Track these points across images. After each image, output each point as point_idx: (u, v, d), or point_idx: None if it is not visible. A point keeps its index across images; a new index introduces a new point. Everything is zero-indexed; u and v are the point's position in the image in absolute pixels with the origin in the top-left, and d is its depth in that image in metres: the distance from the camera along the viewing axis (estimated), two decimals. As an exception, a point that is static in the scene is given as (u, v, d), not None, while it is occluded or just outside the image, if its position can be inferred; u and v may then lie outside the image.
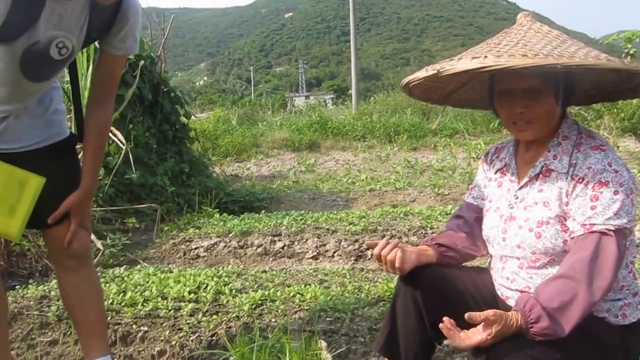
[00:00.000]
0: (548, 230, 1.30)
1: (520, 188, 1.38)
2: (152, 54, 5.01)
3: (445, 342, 1.20)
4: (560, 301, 1.15)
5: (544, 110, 1.30)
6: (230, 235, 3.69)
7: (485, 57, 1.17)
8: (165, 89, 5.12)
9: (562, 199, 1.29)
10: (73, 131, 1.75)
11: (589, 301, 1.16)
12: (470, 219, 1.55)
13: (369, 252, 3.45)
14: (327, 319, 2.20)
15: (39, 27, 1.39)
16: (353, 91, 18.24)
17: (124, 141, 4.00)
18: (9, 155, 1.54)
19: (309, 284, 2.56)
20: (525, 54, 1.15)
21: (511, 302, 1.37)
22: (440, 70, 1.21)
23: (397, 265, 1.39)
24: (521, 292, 1.34)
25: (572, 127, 1.34)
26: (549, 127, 1.33)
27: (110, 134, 4.02)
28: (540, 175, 1.34)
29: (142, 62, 4.52)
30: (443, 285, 1.42)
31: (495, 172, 1.49)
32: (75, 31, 1.47)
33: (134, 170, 4.18)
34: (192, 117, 5.90)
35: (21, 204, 1.52)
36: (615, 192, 1.21)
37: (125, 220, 4.00)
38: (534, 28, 1.31)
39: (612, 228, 1.20)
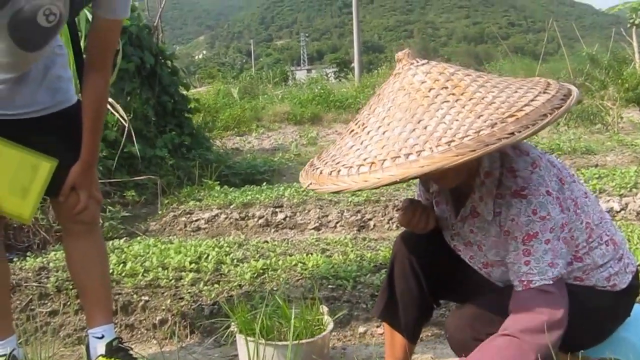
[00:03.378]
0: (495, 271, 1.30)
1: (456, 222, 1.33)
2: (148, 23, 4.90)
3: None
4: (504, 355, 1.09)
5: (459, 171, 1.18)
6: (232, 207, 3.66)
7: (339, 171, 1.05)
8: (163, 60, 5.03)
9: (496, 247, 1.25)
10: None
11: (541, 352, 1.09)
12: None
13: (371, 223, 3.42)
14: (329, 286, 2.19)
15: None
16: (355, 64, 18.01)
17: (125, 116, 3.92)
18: (17, 122, 1.55)
19: (311, 253, 2.54)
20: (372, 162, 1.00)
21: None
22: (305, 186, 1.12)
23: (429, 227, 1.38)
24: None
25: (493, 159, 1.22)
26: (469, 172, 1.23)
27: (111, 108, 3.95)
28: (470, 216, 1.30)
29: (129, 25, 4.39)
30: (440, 249, 1.40)
31: (433, 191, 1.41)
32: None
33: (135, 143, 4.12)
34: (192, 88, 5.81)
35: (33, 186, 1.52)
36: (547, 241, 1.15)
37: (125, 194, 3.96)
38: (405, 85, 1.10)
39: (550, 282, 1.15)
